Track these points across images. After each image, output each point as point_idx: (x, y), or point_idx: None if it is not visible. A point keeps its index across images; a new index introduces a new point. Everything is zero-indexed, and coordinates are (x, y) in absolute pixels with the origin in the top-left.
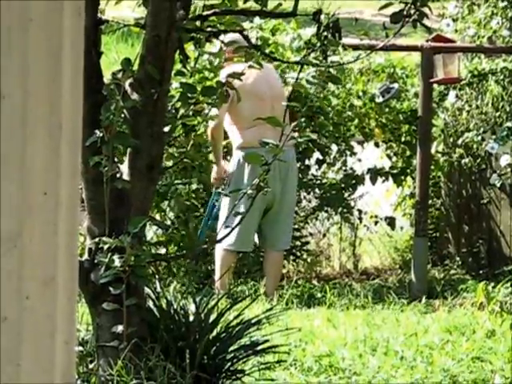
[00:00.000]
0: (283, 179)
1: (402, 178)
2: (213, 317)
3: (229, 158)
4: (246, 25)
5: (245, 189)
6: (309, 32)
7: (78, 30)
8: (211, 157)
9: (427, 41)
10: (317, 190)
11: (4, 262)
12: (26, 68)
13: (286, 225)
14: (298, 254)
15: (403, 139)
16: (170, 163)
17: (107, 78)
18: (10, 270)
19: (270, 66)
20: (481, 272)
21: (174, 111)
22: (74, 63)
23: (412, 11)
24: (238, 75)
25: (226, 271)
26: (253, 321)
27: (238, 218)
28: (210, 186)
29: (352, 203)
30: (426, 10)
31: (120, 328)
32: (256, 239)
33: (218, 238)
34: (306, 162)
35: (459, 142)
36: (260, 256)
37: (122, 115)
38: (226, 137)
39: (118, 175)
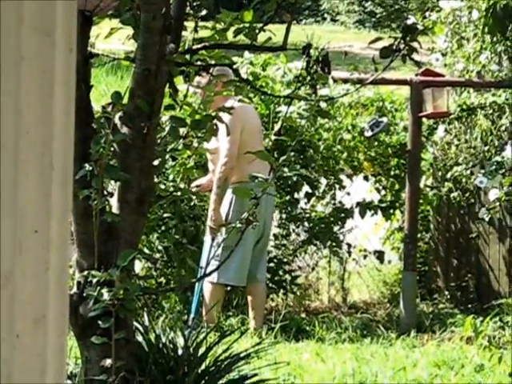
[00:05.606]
0: (269, 212)
1: (391, 211)
2: (201, 350)
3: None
4: (236, 59)
5: None
6: (298, 65)
7: (70, 67)
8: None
9: (416, 75)
10: (306, 224)
11: None
12: (19, 108)
13: (266, 256)
14: (288, 287)
15: (392, 173)
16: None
17: (97, 109)
18: (1, 309)
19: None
20: (469, 306)
21: (163, 145)
22: (65, 101)
23: (401, 46)
24: (228, 109)
25: (215, 304)
26: (241, 355)
27: (233, 253)
28: (211, 233)
29: (341, 237)
30: (415, 44)
31: (108, 362)
32: None
33: (208, 271)
34: (295, 195)
35: (448, 175)
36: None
37: (112, 149)
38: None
39: (107, 208)
